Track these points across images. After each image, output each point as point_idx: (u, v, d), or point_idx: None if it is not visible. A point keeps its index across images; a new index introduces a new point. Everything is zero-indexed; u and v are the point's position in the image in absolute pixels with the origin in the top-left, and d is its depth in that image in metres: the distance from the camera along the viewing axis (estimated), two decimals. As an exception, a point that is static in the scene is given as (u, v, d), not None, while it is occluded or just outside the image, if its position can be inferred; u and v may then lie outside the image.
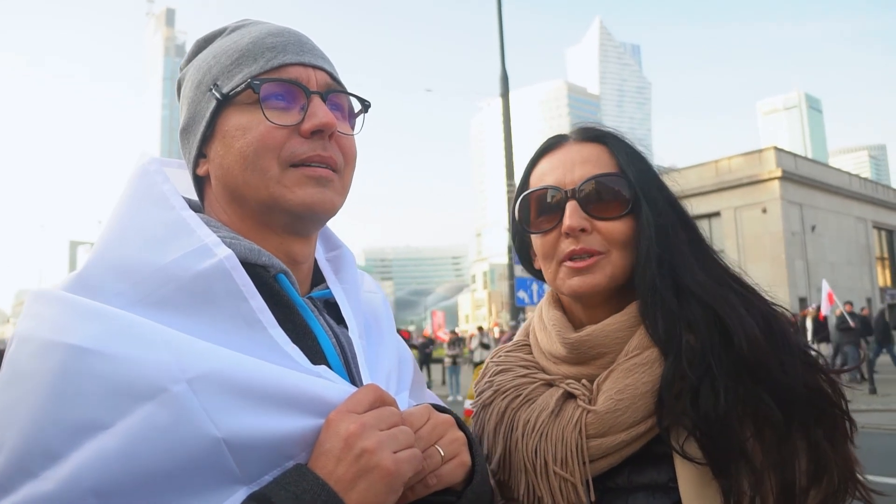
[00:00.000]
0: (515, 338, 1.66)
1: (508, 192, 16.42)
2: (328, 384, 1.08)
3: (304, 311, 1.22)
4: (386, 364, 1.31)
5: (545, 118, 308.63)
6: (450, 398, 23.47)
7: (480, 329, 29.26)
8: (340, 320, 1.31)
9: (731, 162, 33.62)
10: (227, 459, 0.94)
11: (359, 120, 1.35)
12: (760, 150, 33.72)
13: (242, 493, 0.95)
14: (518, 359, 1.56)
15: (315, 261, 1.39)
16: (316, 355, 1.15)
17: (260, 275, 1.17)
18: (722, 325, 1.31)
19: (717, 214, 32.37)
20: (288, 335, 1.11)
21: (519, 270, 15.02)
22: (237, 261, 1.10)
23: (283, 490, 0.94)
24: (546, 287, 1.58)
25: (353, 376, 1.21)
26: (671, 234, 1.40)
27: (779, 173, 31.71)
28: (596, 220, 1.40)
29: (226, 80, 1.23)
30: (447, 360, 25.22)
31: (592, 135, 1.50)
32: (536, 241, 1.50)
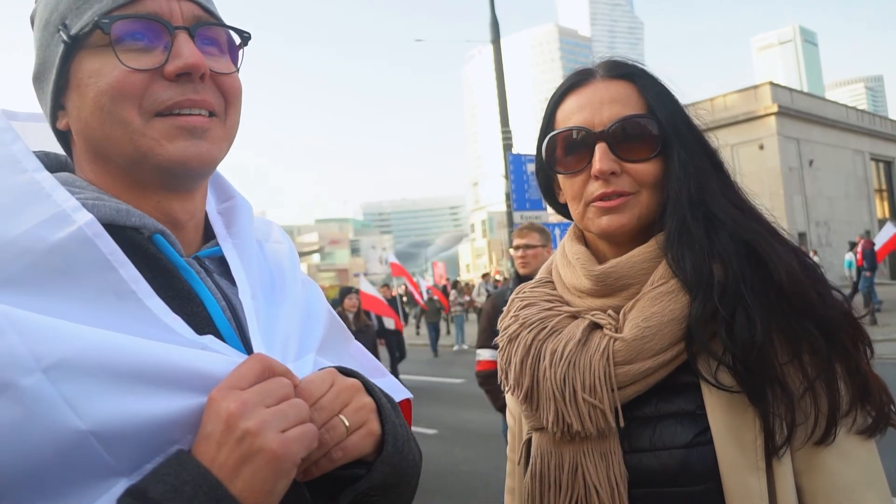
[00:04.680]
0: (538, 275, 1.66)
1: (504, 139, 16.28)
2: (212, 356, 0.96)
3: (186, 275, 1.09)
4: (285, 326, 1.18)
5: (537, 63, 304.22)
6: (455, 347, 23.76)
7: (485, 276, 29.28)
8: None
9: (727, 99, 33.26)
10: (98, 452, 0.83)
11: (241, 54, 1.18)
12: (756, 86, 33.36)
13: (122, 485, 0.84)
14: (543, 293, 1.56)
15: (207, 216, 1.25)
16: (203, 323, 1.05)
17: (132, 238, 1.04)
18: (756, 259, 1.31)
19: (713, 153, 32.04)
20: (169, 304, 0.99)
21: (518, 217, 14.96)
22: (100, 226, 0.96)
23: (160, 482, 0.83)
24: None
25: (247, 343, 1.10)
26: (702, 174, 1.39)
27: (775, 109, 31.48)
28: (626, 163, 1.38)
29: (74, 18, 1.05)
30: (455, 310, 25.31)
31: (621, 71, 1.45)
32: (564, 181, 1.48)
